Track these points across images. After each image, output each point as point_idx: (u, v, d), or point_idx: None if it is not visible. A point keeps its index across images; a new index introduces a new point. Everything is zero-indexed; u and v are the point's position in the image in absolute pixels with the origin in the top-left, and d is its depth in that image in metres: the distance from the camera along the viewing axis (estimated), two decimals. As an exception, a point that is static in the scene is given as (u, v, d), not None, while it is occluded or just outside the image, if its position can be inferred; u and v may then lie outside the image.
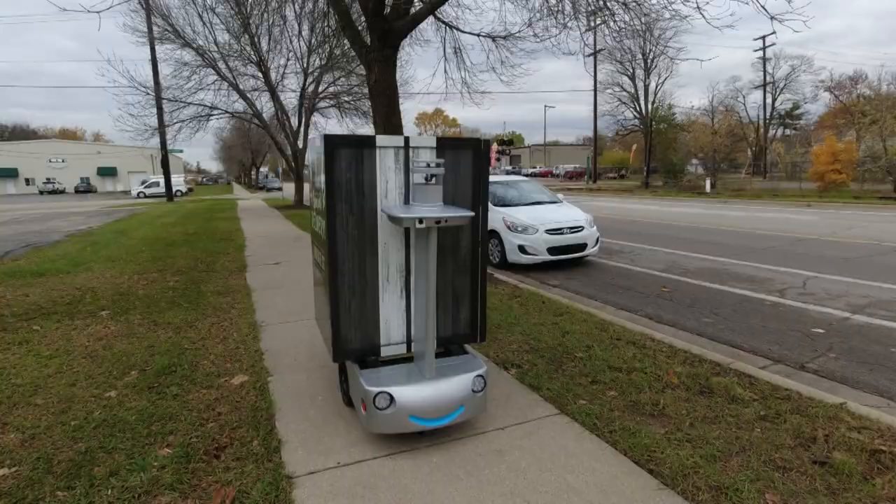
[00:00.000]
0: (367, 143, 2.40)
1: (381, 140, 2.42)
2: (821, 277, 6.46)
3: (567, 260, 7.47)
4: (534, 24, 9.44)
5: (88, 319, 4.69)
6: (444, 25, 10.43)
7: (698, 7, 5.31)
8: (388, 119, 7.17)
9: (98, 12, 5.88)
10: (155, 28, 17.44)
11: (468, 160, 2.61)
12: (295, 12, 16.27)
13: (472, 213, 2.40)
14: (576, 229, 7.45)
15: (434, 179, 2.39)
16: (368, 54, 7.20)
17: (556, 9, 8.63)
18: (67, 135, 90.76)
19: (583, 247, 7.48)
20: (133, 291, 5.79)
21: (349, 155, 2.37)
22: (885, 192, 21.53)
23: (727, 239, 9.88)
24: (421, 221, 2.20)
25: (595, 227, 7.84)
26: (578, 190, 33.14)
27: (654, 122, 41.10)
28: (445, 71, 11.38)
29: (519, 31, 9.79)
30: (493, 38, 10.21)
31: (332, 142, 2.34)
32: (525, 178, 10.10)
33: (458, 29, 10.48)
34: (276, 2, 16.18)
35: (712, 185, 30.97)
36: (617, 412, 2.84)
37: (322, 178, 2.40)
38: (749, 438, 2.54)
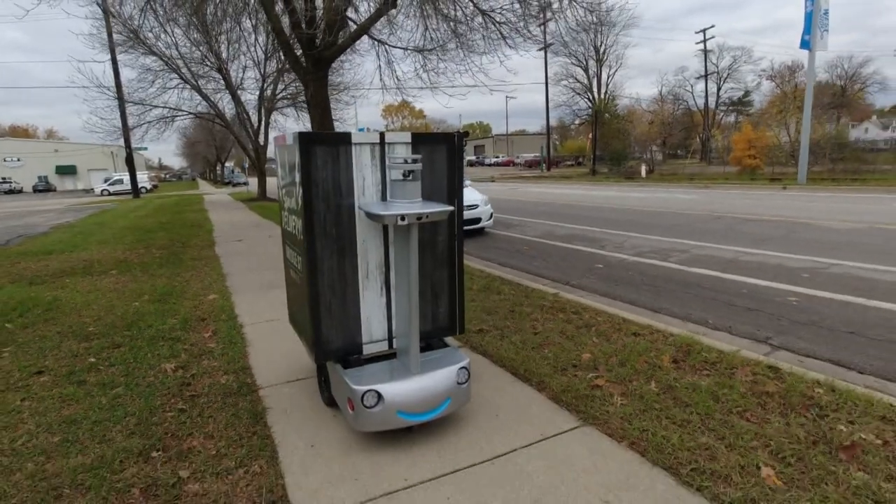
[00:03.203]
0: (342, 140, 2.39)
1: (357, 137, 2.42)
2: (641, 237, 8.94)
3: (464, 231, 9.78)
4: (446, 42, 11.71)
5: (102, 276, 6.70)
6: (376, 42, 12.56)
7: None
8: (322, 125, 9.29)
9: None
10: (118, 36, 18.80)
11: (443, 155, 2.62)
12: (251, 23, 17.99)
13: (452, 208, 2.46)
14: (471, 207, 9.74)
15: (412, 176, 2.39)
16: (305, 75, 9.27)
17: (458, 31, 10.90)
18: (19, 132, 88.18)
19: (477, 220, 9.80)
20: (129, 260, 7.78)
21: (325, 153, 2.35)
22: (790, 174, 24.52)
23: (606, 214, 12.41)
24: (403, 218, 2.21)
25: (489, 206, 10.17)
26: (527, 178, 35.71)
27: (600, 113, 43.99)
28: (381, 79, 13.54)
29: (434, 48, 12.03)
30: (421, 52, 12.41)
31: (307, 139, 2.32)
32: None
33: (388, 45, 12.62)
34: (234, 11, 17.87)
35: (650, 171, 34.00)
36: (430, 301, 5.10)
37: (297, 176, 2.38)
38: (488, 305, 4.84)
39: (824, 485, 2.06)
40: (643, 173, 32.23)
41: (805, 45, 17.38)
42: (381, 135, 2.48)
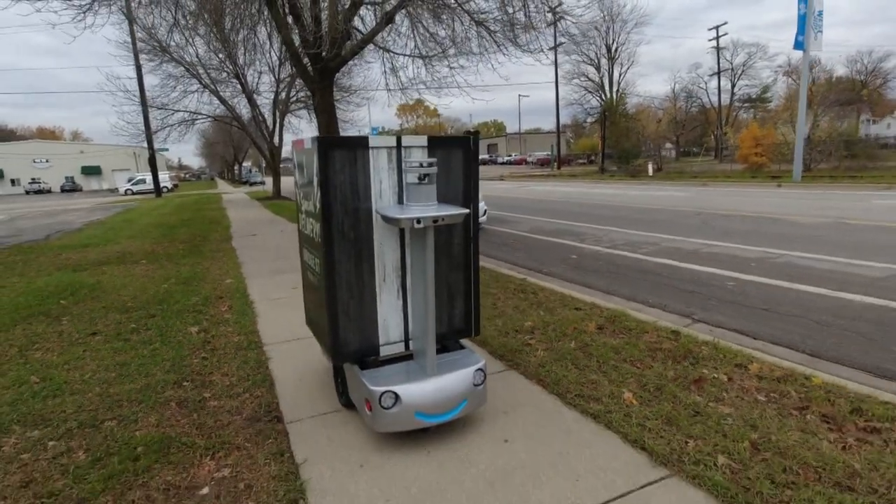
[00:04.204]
0: (360, 144, 2.43)
1: (374, 141, 2.45)
2: (621, 231, 9.63)
3: (460, 227, 10.57)
4: (446, 49, 12.49)
5: (134, 265, 7.66)
6: (381, 50, 13.41)
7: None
8: (328, 129, 10.14)
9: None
10: (143, 45, 19.99)
11: (458, 158, 2.65)
12: (266, 30, 19.02)
13: (468, 211, 2.48)
14: (465, 205, 10.54)
15: (427, 179, 2.42)
16: (312, 84, 10.15)
17: (455, 40, 11.68)
18: (45, 134, 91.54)
19: (471, 217, 10.58)
20: (156, 252, 8.76)
21: (342, 157, 2.38)
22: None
23: (598, 211, 13.08)
24: (419, 222, 2.23)
25: (483, 203, 10.94)
26: (536, 176, 36.30)
27: (610, 111, 44.25)
28: (386, 83, 14.42)
29: (433, 56, 12.83)
30: (422, 58, 13.23)
31: (325, 144, 2.36)
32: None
33: (392, 52, 13.47)
34: (251, 21, 18.93)
35: (657, 169, 34.31)
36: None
37: (315, 180, 2.42)
38: (462, 288, 5.63)
39: (665, 403, 2.82)
40: (650, 171, 32.54)
41: (799, 45, 17.74)
42: (398, 138, 2.50)
